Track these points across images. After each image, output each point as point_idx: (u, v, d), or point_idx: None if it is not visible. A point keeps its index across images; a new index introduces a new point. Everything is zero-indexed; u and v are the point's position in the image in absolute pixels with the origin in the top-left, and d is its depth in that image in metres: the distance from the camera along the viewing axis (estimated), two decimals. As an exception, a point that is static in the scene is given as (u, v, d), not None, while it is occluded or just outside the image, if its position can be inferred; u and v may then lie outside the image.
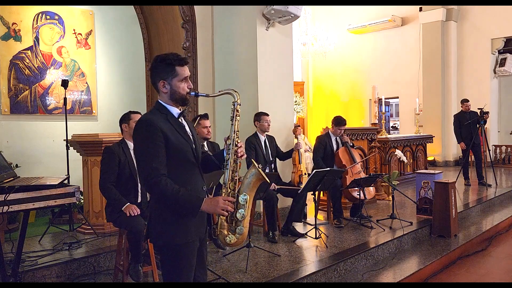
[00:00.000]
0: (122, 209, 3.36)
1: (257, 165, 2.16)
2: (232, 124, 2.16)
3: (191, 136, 2.15)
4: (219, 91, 2.21)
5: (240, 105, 2.19)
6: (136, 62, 6.99)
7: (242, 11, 5.72)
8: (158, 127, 1.99)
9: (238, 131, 2.16)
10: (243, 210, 2.09)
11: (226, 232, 2.10)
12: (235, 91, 2.18)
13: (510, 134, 11.44)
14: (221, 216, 2.08)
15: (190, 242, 2.06)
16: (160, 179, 1.94)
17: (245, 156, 2.18)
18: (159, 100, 2.13)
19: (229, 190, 2.09)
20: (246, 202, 2.10)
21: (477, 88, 10.88)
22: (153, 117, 2.04)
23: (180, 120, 2.13)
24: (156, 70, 2.10)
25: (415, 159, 8.51)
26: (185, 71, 2.11)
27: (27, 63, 6.25)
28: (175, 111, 2.13)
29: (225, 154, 2.16)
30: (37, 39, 6.34)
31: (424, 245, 4.82)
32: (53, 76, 6.50)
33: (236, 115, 2.17)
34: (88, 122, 6.90)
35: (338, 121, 5.35)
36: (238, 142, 2.14)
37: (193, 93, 2.15)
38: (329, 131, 5.54)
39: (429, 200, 5.36)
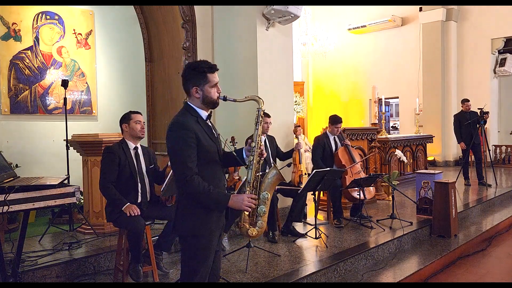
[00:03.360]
0: (122, 209, 3.36)
1: (277, 167, 2.40)
2: (256, 129, 2.34)
3: (216, 137, 2.33)
4: (246, 97, 2.39)
5: (264, 111, 2.38)
6: (136, 62, 6.98)
7: (242, 11, 5.72)
8: (191, 129, 2.16)
9: (261, 135, 2.36)
10: (263, 206, 2.32)
11: (248, 226, 2.32)
12: (260, 98, 2.38)
13: (510, 134, 11.44)
14: (244, 212, 2.28)
15: (212, 233, 2.23)
16: (194, 178, 2.14)
17: (265, 155, 2.39)
18: (189, 103, 2.29)
19: (252, 189, 2.29)
20: (267, 200, 2.33)
21: (477, 88, 10.88)
22: (186, 119, 2.20)
23: (207, 122, 2.30)
24: (189, 77, 2.26)
25: (415, 159, 8.51)
26: (216, 77, 2.29)
27: (27, 63, 6.25)
28: (204, 114, 2.29)
29: (244, 155, 2.36)
30: (37, 39, 6.34)
31: (424, 245, 4.82)
32: (53, 76, 6.50)
33: (260, 121, 2.36)
34: (88, 122, 6.89)
35: (334, 120, 5.37)
36: (260, 145, 2.34)
37: (222, 97, 2.32)
38: (327, 130, 5.55)
39: (429, 200, 5.36)
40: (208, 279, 2.31)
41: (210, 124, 2.32)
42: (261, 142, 2.35)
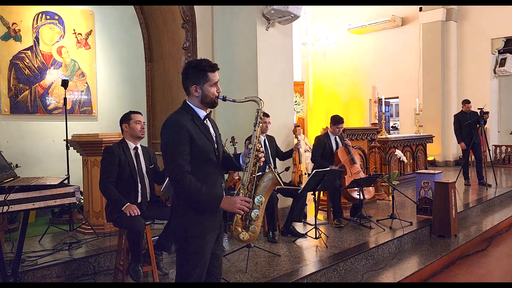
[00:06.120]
0: (122, 209, 3.36)
1: (274, 170, 2.32)
2: (254, 130, 2.28)
3: (214, 137, 2.28)
4: (245, 98, 2.33)
5: (263, 113, 2.32)
6: (136, 62, 6.99)
7: (242, 11, 5.72)
8: (184, 127, 2.12)
9: (259, 136, 2.30)
10: (257, 210, 2.24)
11: (240, 229, 2.25)
12: (260, 99, 2.31)
13: (510, 134, 11.44)
14: (236, 215, 2.22)
15: (205, 234, 2.19)
16: (185, 176, 2.09)
17: (264, 160, 2.30)
18: (187, 102, 2.26)
19: (247, 191, 2.22)
20: (261, 204, 2.25)
21: (477, 88, 10.88)
22: (180, 117, 2.17)
23: (205, 121, 2.26)
24: (189, 75, 2.23)
25: (415, 159, 8.51)
26: (216, 76, 2.25)
27: (27, 63, 6.25)
28: (202, 113, 2.25)
29: (241, 161, 2.30)
30: (37, 39, 6.34)
31: (424, 245, 4.82)
32: (53, 76, 6.50)
33: (259, 122, 2.30)
34: (88, 122, 6.90)
35: (336, 120, 5.36)
36: (259, 147, 2.27)
37: (221, 97, 2.27)
38: (328, 130, 5.54)
39: (429, 200, 5.36)
40: (208, 281, 2.28)
41: (209, 123, 2.28)
42: (259, 144, 2.28)
